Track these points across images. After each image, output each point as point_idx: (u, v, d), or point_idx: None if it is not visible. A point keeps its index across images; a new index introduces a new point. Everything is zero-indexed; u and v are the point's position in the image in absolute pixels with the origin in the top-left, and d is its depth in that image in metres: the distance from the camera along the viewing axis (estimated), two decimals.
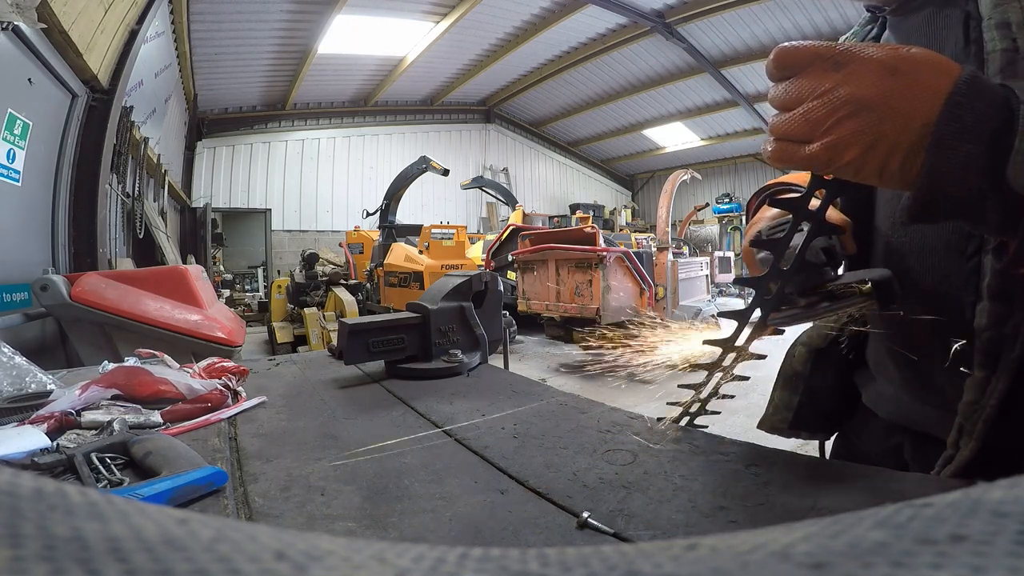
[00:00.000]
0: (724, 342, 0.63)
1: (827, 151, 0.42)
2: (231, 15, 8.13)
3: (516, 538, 0.49)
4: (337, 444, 0.75)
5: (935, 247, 0.57)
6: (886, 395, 0.67)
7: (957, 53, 0.53)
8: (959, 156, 0.39)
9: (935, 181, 0.40)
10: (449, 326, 1.20)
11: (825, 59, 0.42)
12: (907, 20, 0.61)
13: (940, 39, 0.56)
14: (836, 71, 0.42)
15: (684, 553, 0.12)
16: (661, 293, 5.52)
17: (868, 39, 0.69)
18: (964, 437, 0.51)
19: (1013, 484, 0.12)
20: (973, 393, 0.50)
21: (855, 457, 0.73)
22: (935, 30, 0.57)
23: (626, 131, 14.80)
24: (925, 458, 0.59)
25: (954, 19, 0.54)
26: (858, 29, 0.73)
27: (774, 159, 0.46)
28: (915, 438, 0.64)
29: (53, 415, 0.77)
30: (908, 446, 0.65)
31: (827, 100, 0.42)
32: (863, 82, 0.41)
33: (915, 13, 0.60)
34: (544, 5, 9.42)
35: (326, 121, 12.43)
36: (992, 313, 0.49)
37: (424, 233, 7.13)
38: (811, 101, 0.42)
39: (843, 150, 0.41)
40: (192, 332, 2.66)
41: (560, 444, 0.72)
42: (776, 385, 0.79)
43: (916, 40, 0.59)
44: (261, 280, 12.60)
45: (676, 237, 10.01)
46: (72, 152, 3.38)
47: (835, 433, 0.80)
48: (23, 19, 2.34)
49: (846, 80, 0.41)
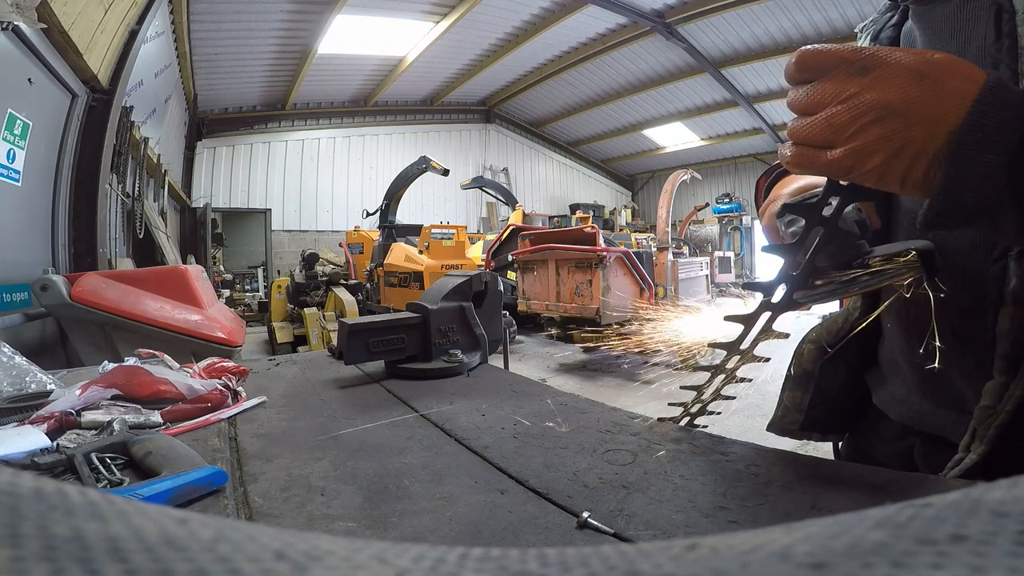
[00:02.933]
0: (746, 318, 0.58)
1: (850, 157, 0.41)
2: (231, 15, 8.13)
3: (516, 538, 0.49)
4: (337, 444, 0.75)
5: (961, 247, 0.55)
6: (898, 397, 0.66)
7: (988, 46, 0.51)
8: (980, 166, 0.38)
9: (954, 190, 0.39)
10: (449, 326, 1.20)
11: (851, 63, 0.42)
12: (933, 10, 0.59)
13: (969, 31, 0.54)
14: (863, 75, 0.41)
15: (684, 553, 0.12)
16: (661, 293, 5.52)
17: (889, 27, 0.67)
18: (975, 441, 0.51)
19: (1013, 484, 0.12)
20: (990, 398, 0.50)
21: (865, 459, 0.72)
22: (964, 22, 0.55)
23: (626, 131, 14.80)
24: (936, 462, 0.58)
25: (984, 11, 0.52)
26: (877, 17, 0.70)
27: (794, 164, 0.45)
28: (927, 441, 0.63)
29: (53, 415, 0.77)
30: (919, 449, 0.64)
31: (852, 105, 0.41)
32: (890, 87, 0.40)
33: (942, 3, 0.58)
34: (544, 5, 9.42)
35: (326, 121, 12.43)
36: (1016, 317, 0.48)
37: (424, 233, 7.13)
38: (835, 106, 0.41)
39: (867, 156, 0.41)
40: (192, 332, 2.66)
41: (560, 444, 0.72)
42: (785, 386, 0.77)
43: (944, 31, 0.57)
44: (261, 280, 12.60)
45: (676, 237, 10.01)
46: (72, 152, 3.37)
47: (846, 434, 0.79)
48: (23, 19, 2.34)
49: (872, 85, 0.40)
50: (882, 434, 0.71)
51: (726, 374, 0.67)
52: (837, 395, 0.74)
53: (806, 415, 0.74)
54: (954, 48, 0.55)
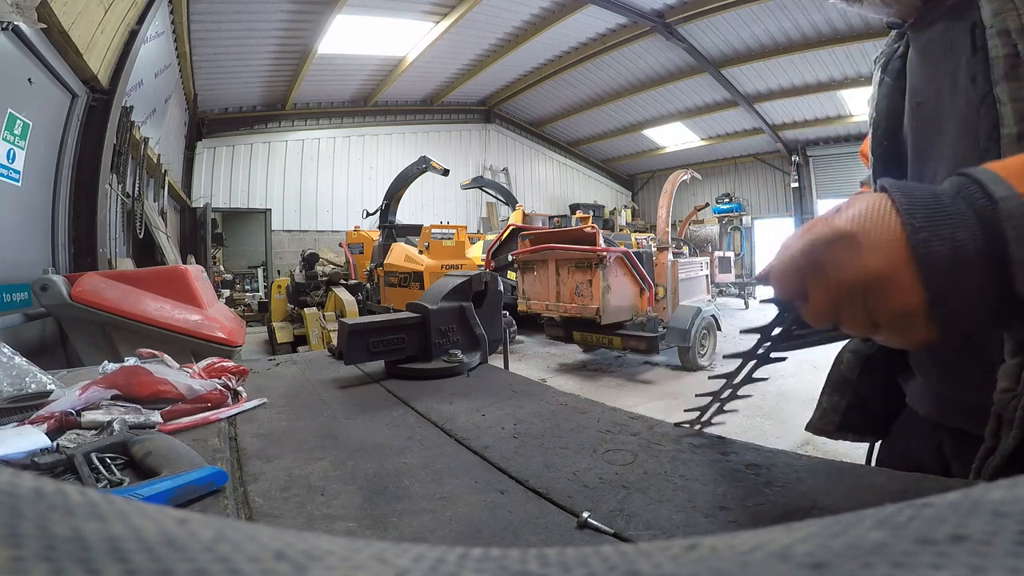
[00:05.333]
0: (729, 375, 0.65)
1: (896, 342, 0.43)
2: (231, 15, 8.12)
3: (516, 538, 0.49)
4: (337, 444, 0.75)
5: None
6: (925, 391, 0.67)
7: (968, 60, 0.54)
8: (963, 301, 0.38)
9: (951, 329, 0.39)
10: (449, 326, 1.20)
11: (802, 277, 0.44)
12: (924, 34, 0.63)
13: (956, 49, 0.57)
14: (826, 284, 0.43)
15: (684, 553, 0.12)
16: (661, 293, 5.51)
17: (896, 58, 0.70)
18: (1004, 427, 0.50)
19: (1013, 484, 0.12)
20: (1007, 380, 0.50)
21: (902, 459, 0.73)
22: (950, 41, 0.58)
23: (626, 131, 14.79)
24: (965, 455, 0.59)
25: (964, 29, 0.55)
26: (886, 48, 0.74)
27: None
28: (954, 435, 0.63)
29: (53, 415, 0.77)
30: (948, 443, 0.65)
31: (857, 321, 0.43)
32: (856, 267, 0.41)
33: (931, 27, 0.61)
34: (544, 5, 9.41)
35: (326, 121, 12.42)
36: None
37: (424, 233, 7.12)
38: (844, 320, 0.44)
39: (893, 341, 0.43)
40: (192, 332, 2.65)
41: (560, 444, 0.72)
42: (824, 391, 0.80)
43: (935, 54, 0.60)
44: (261, 280, 12.59)
45: (676, 237, 10.00)
46: (72, 152, 3.37)
47: (881, 436, 0.80)
48: (23, 19, 2.34)
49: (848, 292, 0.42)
50: (916, 432, 0.72)
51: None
52: (874, 399, 0.77)
53: (842, 417, 0.77)
54: (948, 67, 0.58)
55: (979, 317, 0.38)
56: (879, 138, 0.71)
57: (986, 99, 0.51)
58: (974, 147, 0.54)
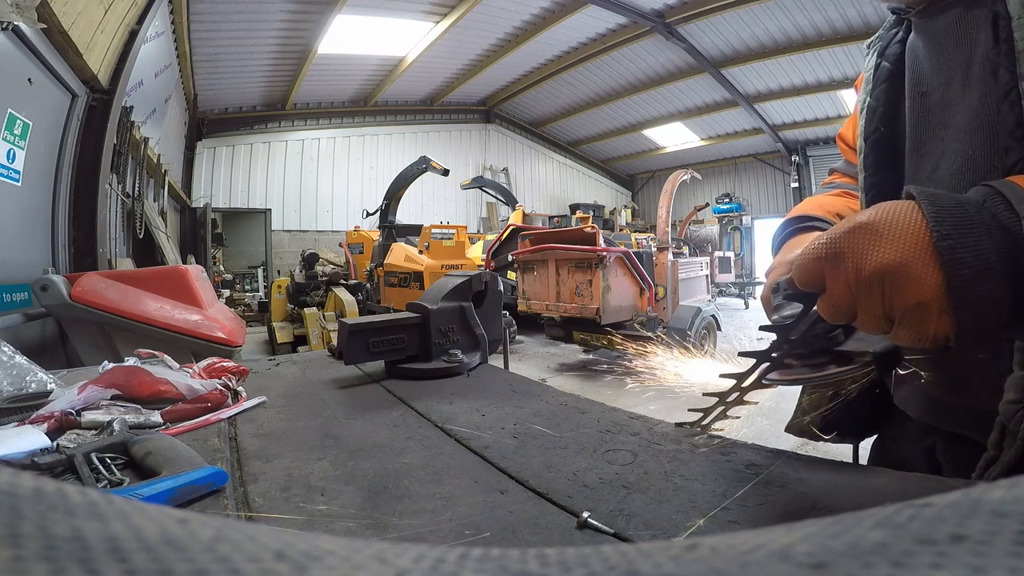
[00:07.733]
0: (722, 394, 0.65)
1: (903, 340, 0.44)
2: (231, 15, 8.12)
3: (516, 538, 0.49)
4: (337, 444, 0.75)
5: None
6: (917, 394, 0.66)
7: (988, 52, 0.52)
8: (981, 303, 0.40)
9: (966, 329, 0.41)
10: (449, 326, 1.20)
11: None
12: (934, 21, 0.60)
13: (970, 40, 0.55)
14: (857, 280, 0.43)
15: (684, 553, 0.12)
16: (661, 293, 5.51)
17: (894, 43, 0.67)
18: (1008, 437, 0.50)
19: (1013, 484, 0.12)
20: (1015, 392, 0.49)
21: (894, 460, 0.73)
22: (964, 31, 0.55)
23: (626, 131, 14.79)
24: (958, 459, 0.58)
25: (983, 19, 0.53)
26: (883, 33, 0.71)
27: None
28: (947, 438, 0.63)
29: (53, 415, 0.77)
30: (940, 446, 0.64)
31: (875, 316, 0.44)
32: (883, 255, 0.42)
33: (943, 14, 0.58)
34: (544, 5, 9.41)
35: (326, 121, 12.42)
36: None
37: (424, 233, 7.12)
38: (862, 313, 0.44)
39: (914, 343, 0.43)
40: (192, 332, 2.65)
41: (560, 444, 0.72)
42: (804, 390, 0.77)
43: (947, 42, 0.57)
44: (261, 280, 12.58)
45: (676, 237, 10.00)
46: (72, 152, 3.37)
47: (867, 436, 0.79)
48: (23, 19, 2.34)
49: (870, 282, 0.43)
50: (907, 433, 0.71)
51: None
52: (855, 398, 0.75)
53: (824, 417, 0.74)
54: (960, 58, 0.56)
55: (994, 320, 0.40)
56: (876, 122, 0.68)
57: (1010, 94, 0.49)
58: (992, 144, 0.52)
